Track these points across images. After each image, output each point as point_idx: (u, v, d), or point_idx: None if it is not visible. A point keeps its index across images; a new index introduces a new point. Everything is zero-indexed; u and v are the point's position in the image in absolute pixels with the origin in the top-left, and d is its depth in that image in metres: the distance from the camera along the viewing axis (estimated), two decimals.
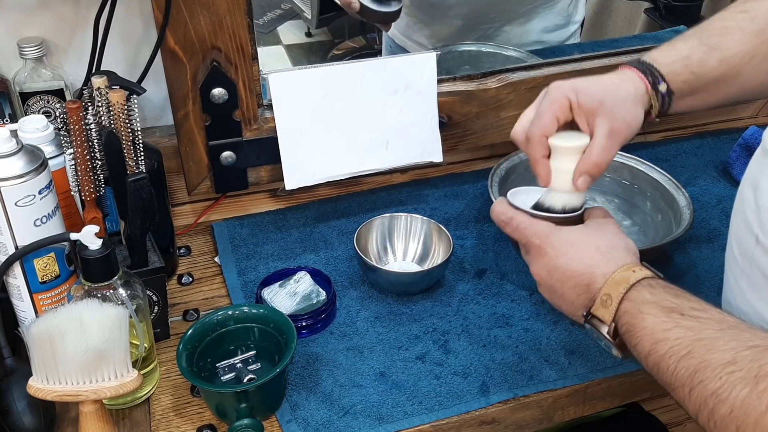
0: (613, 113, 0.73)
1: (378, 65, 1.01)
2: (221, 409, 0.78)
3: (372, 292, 0.96)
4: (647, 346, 0.63)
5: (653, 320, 0.63)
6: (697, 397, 0.58)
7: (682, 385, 0.60)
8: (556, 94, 0.74)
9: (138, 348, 0.77)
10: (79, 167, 0.78)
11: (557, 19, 1.35)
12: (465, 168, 1.19)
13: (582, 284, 0.69)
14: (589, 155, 0.73)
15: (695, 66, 0.77)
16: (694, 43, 0.78)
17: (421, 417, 0.79)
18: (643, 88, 0.76)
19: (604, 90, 0.74)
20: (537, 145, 0.74)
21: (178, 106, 0.95)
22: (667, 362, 0.61)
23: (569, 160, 0.73)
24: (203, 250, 1.04)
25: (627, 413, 1.09)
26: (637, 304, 0.65)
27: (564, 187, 0.74)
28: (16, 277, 0.77)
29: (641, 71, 0.77)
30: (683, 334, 0.61)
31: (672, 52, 0.78)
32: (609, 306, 0.67)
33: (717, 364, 0.57)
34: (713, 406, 0.57)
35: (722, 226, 1.07)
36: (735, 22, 0.79)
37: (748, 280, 0.72)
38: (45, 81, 0.93)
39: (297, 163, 1.00)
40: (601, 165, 0.73)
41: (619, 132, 0.73)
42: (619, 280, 0.67)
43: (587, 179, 0.73)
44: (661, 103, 0.77)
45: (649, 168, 1.06)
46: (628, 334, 0.66)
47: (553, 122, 0.74)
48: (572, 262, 0.70)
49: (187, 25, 0.90)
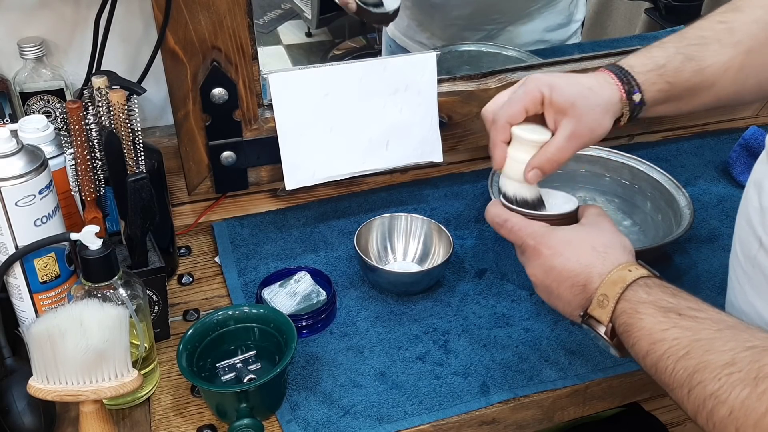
0: (581, 117, 0.74)
1: (378, 65, 1.01)
2: (221, 409, 0.78)
3: (372, 292, 0.96)
4: (645, 346, 0.63)
5: (650, 320, 0.63)
6: (695, 398, 0.58)
7: (681, 385, 0.60)
8: (532, 86, 0.75)
9: (138, 348, 0.77)
10: (79, 167, 0.78)
11: (559, 18, 1.35)
12: (465, 168, 1.19)
13: (578, 284, 0.69)
14: (545, 151, 0.74)
15: (670, 75, 0.78)
16: (671, 52, 0.79)
17: (421, 417, 0.79)
18: (618, 96, 0.77)
19: (579, 93, 0.75)
20: (500, 129, 0.76)
21: (178, 106, 0.95)
22: (665, 363, 0.61)
23: (525, 152, 0.75)
24: (203, 250, 1.04)
25: (627, 413, 1.09)
26: (634, 304, 0.65)
27: (516, 176, 0.76)
28: (17, 277, 0.77)
29: (618, 78, 0.77)
30: (681, 334, 0.61)
31: (649, 60, 0.79)
32: (606, 306, 0.67)
33: (716, 365, 0.57)
34: (712, 407, 0.57)
35: (722, 226, 1.07)
36: (713, 32, 0.79)
37: (750, 282, 0.72)
38: (45, 81, 0.93)
39: (297, 163, 1.00)
40: (554, 163, 0.74)
41: (580, 136, 0.74)
42: (616, 280, 0.67)
43: (538, 173, 0.75)
44: (632, 111, 0.78)
45: (649, 168, 1.06)
46: (625, 335, 0.66)
47: (521, 112, 0.75)
48: (568, 262, 0.70)
49: (188, 25, 0.90)
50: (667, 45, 0.80)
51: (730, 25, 0.79)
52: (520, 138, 0.75)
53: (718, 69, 0.78)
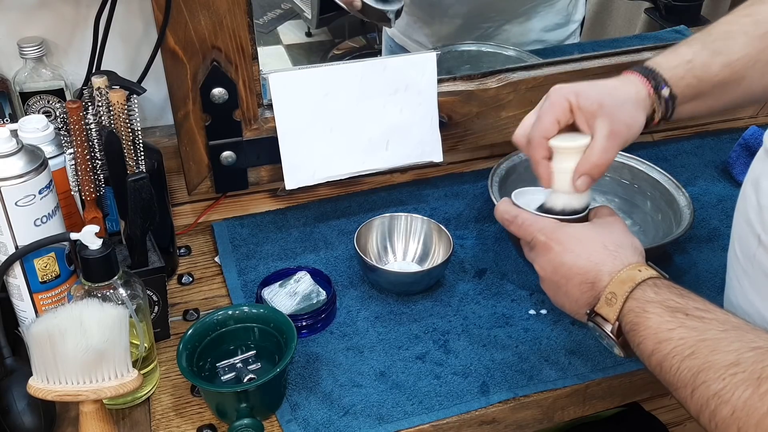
0: (613, 115, 0.73)
1: (378, 65, 1.00)
2: (221, 409, 0.78)
3: (372, 292, 0.96)
4: (650, 345, 0.63)
5: (657, 320, 0.63)
6: (699, 398, 0.58)
7: (685, 385, 0.60)
8: (556, 96, 0.75)
9: (138, 348, 0.77)
10: (79, 167, 0.78)
11: (557, 17, 1.35)
12: (465, 168, 1.19)
13: (587, 281, 0.69)
14: (589, 156, 0.73)
15: (699, 70, 0.77)
16: (698, 48, 0.78)
17: (421, 417, 0.79)
18: (645, 91, 0.76)
19: (604, 92, 0.75)
20: (537, 146, 0.75)
21: (178, 105, 0.95)
22: (670, 362, 0.61)
23: (569, 160, 0.74)
24: (203, 250, 1.03)
25: (627, 413, 1.09)
26: (642, 303, 0.65)
27: (565, 188, 0.75)
28: (16, 276, 0.77)
29: (643, 75, 0.77)
30: (687, 334, 0.61)
31: (675, 57, 0.78)
32: (613, 304, 0.67)
33: (720, 365, 0.57)
34: (715, 407, 0.57)
35: (722, 226, 1.07)
36: (739, 26, 0.79)
37: (749, 280, 0.72)
38: (45, 81, 0.93)
39: (297, 163, 1.00)
40: (600, 166, 0.73)
41: (618, 133, 0.73)
42: (625, 279, 0.67)
43: (587, 180, 0.74)
44: (665, 107, 0.77)
45: (649, 168, 1.06)
46: (631, 333, 0.66)
47: (553, 124, 0.74)
48: (579, 259, 0.70)
49: (187, 24, 0.90)
50: (693, 42, 0.79)
51: (755, 17, 0.78)
52: (560, 148, 0.74)
53: (747, 62, 0.77)
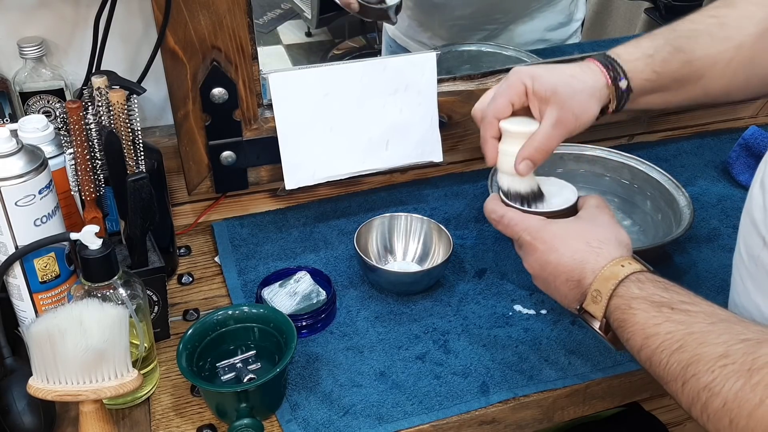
0: (564, 103, 0.75)
1: (378, 65, 1.00)
2: (221, 409, 0.78)
3: (372, 292, 0.96)
4: (639, 341, 0.64)
5: (644, 315, 0.64)
6: (690, 391, 0.59)
7: (675, 378, 0.60)
8: (514, 78, 0.76)
9: (138, 348, 0.77)
10: (79, 167, 0.78)
11: (560, 17, 1.35)
12: (465, 168, 1.19)
13: (573, 279, 0.70)
14: (532, 141, 0.75)
15: (658, 65, 0.79)
16: (660, 43, 0.80)
17: (421, 417, 0.79)
18: (603, 82, 0.77)
19: (561, 80, 0.76)
20: (488, 125, 0.77)
21: (178, 105, 0.95)
22: (659, 356, 0.62)
23: (515, 144, 0.76)
24: (203, 250, 1.04)
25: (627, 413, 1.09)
26: (627, 300, 0.66)
27: (508, 170, 0.77)
28: (16, 276, 0.77)
29: (604, 65, 0.78)
30: (674, 328, 0.61)
31: (637, 50, 0.79)
32: (599, 302, 0.67)
33: (709, 357, 0.58)
34: (706, 400, 0.57)
35: (722, 226, 1.07)
36: (704, 26, 0.80)
37: (753, 281, 0.72)
38: (45, 81, 0.93)
39: (297, 163, 1.00)
40: (542, 151, 0.75)
41: (565, 122, 0.75)
42: (608, 276, 0.67)
43: (528, 164, 0.75)
44: (618, 98, 0.78)
45: (649, 168, 1.06)
46: (619, 330, 0.66)
47: (506, 106, 0.76)
48: (563, 258, 0.71)
49: (187, 24, 0.90)
50: (656, 36, 0.81)
51: (721, 19, 0.80)
52: (508, 131, 0.76)
53: (706, 62, 0.79)
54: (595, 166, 1.10)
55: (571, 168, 1.11)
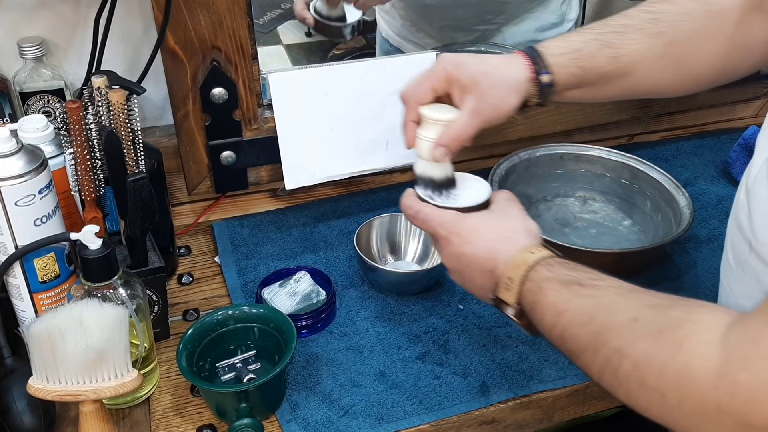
0: (483, 94, 0.76)
1: (378, 65, 1.00)
2: (221, 409, 0.78)
3: (372, 292, 0.96)
4: (551, 319, 0.64)
5: (554, 294, 0.65)
6: (601, 359, 0.59)
7: (586, 349, 0.61)
8: (438, 65, 0.78)
9: (138, 348, 0.77)
10: (79, 167, 0.78)
11: (552, 17, 1.35)
12: (465, 168, 1.18)
13: (487, 270, 0.71)
14: (449, 129, 0.76)
15: (584, 60, 0.79)
16: (589, 38, 0.80)
17: (421, 417, 0.79)
18: (526, 74, 0.78)
19: (483, 70, 0.77)
20: (410, 110, 0.78)
21: (178, 105, 0.95)
22: (570, 331, 0.62)
23: (432, 131, 0.77)
24: (203, 250, 1.04)
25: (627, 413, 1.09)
26: (537, 282, 0.67)
27: (425, 155, 0.78)
28: (16, 276, 0.77)
29: (529, 58, 0.78)
30: (584, 302, 0.62)
31: (564, 44, 0.80)
32: (511, 289, 0.68)
33: (619, 323, 0.58)
34: (617, 364, 0.57)
35: (722, 226, 1.06)
36: (637, 21, 0.80)
37: (741, 286, 0.72)
38: (45, 81, 0.93)
39: (297, 162, 1.00)
40: (458, 139, 0.76)
41: (482, 112, 0.76)
42: (519, 263, 0.68)
43: (443, 151, 0.77)
44: (540, 92, 0.79)
45: (649, 168, 1.06)
46: (532, 312, 0.67)
47: (427, 92, 0.77)
48: (476, 249, 0.72)
49: (187, 24, 0.90)
50: (586, 31, 0.81)
51: (656, 15, 0.80)
52: (427, 117, 0.77)
53: (634, 58, 0.79)
54: (595, 166, 1.10)
55: (571, 168, 1.11)
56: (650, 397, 0.56)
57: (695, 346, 0.53)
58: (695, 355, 0.53)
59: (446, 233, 0.74)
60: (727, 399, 0.51)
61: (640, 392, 0.56)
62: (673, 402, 0.54)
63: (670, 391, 0.54)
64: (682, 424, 0.55)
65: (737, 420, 0.51)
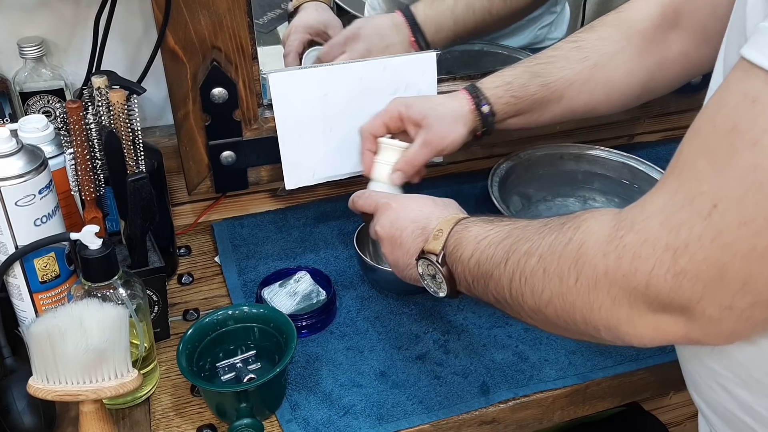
0: (432, 126, 0.89)
1: (378, 65, 1.00)
2: (221, 408, 0.78)
3: (372, 292, 0.96)
4: (470, 249, 0.68)
5: (476, 228, 0.70)
6: (511, 265, 0.62)
7: (499, 262, 0.63)
8: (391, 106, 0.92)
9: (138, 348, 0.77)
10: (79, 167, 0.78)
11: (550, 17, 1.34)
12: (464, 168, 1.19)
13: (419, 228, 0.77)
14: (405, 156, 0.90)
15: (517, 90, 0.90)
16: (519, 71, 0.91)
17: (421, 417, 0.79)
18: (468, 107, 0.90)
19: (430, 107, 0.90)
20: (365, 140, 0.93)
21: (178, 105, 0.95)
22: (486, 252, 0.66)
23: (389, 156, 0.91)
24: (203, 250, 1.04)
25: (627, 413, 1.09)
26: (463, 226, 0.72)
27: (383, 178, 0.92)
28: (16, 276, 0.77)
29: (469, 93, 0.90)
30: (501, 229, 0.66)
31: (498, 78, 0.91)
32: (439, 238, 0.72)
33: (530, 232, 0.61)
34: (524, 264, 0.60)
35: None
36: (563, 51, 0.90)
37: None
38: (45, 81, 0.93)
39: (297, 162, 1.00)
40: (412, 165, 0.90)
41: (432, 142, 0.89)
42: (450, 219, 0.74)
43: (400, 174, 0.90)
44: (483, 121, 0.90)
45: (649, 168, 1.06)
46: (455, 253, 0.70)
47: (380, 126, 0.92)
48: (412, 212, 0.79)
49: (187, 24, 0.90)
50: (517, 66, 0.93)
51: (579, 43, 0.90)
52: (384, 143, 0.92)
53: (563, 83, 0.89)
54: (595, 166, 1.10)
55: (571, 168, 1.11)
56: (552, 285, 0.57)
57: (591, 225, 0.55)
58: (590, 231, 0.55)
59: (387, 201, 0.82)
60: (614, 264, 0.52)
61: (544, 284, 0.58)
62: (571, 281, 0.55)
63: (568, 271, 0.56)
64: (579, 306, 0.55)
65: (624, 286, 0.52)
